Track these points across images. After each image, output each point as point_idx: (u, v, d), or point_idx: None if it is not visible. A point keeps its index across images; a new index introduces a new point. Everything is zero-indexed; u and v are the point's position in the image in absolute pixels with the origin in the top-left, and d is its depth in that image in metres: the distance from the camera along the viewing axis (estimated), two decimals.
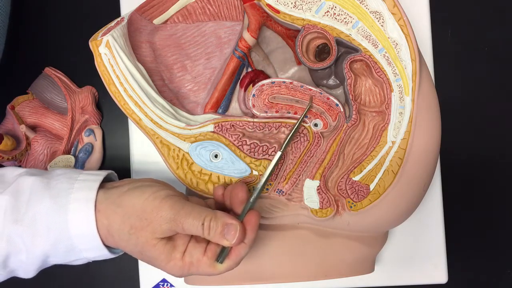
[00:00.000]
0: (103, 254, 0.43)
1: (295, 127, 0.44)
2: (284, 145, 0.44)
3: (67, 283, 0.64)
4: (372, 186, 0.45)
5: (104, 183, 0.44)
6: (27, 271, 0.43)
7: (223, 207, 0.44)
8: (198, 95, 0.50)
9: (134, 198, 0.41)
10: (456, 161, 0.65)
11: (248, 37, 0.46)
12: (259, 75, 0.49)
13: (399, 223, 0.49)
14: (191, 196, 0.45)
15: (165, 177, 0.58)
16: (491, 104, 0.67)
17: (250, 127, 0.46)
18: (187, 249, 0.41)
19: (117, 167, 0.64)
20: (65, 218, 0.41)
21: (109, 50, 0.43)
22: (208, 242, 0.42)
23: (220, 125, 0.46)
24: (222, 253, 0.41)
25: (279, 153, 0.44)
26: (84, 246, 0.42)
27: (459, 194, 0.66)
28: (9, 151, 0.59)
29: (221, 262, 0.41)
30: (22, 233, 0.41)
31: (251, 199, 0.43)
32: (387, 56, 0.44)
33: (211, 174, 0.46)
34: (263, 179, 0.44)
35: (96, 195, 0.41)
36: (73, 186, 0.42)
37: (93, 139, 0.63)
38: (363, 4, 0.43)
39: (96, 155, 0.62)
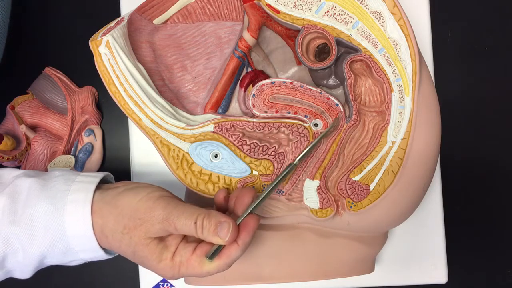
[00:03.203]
0: (99, 255, 0.43)
1: (317, 139, 0.45)
2: (299, 157, 0.44)
3: (67, 283, 0.64)
4: (372, 186, 0.45)
5: (101, 185, 0.44)
6: (24, 272, 0.43)
7: (223, 211, 0.44)
8: (198, 95, 0.50)
9: (128, 198, 0.41)
10: (456, 161, 0.65)
11: (248, 37, 0.47)
12: (259, 75, 0.49)
13: (399, 223, 0.49)
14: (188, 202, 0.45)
15: (165, 177, 0.59)
16: (491, 104, 0.67)
17: (250, 127, 0.46)
18: (177, 249, 0.41)
19: (117, 167, 0.64)
20: (61, 219, 0.41)
21: (109, 50, 0.43)
22: (199, 243, 0.42)
23: (220, 125, 0.46)
24: (214, 251, 0.40)
25: (292, 164, 0.44)
26: (80, 247, 0.42)
27: (459, 194, 0.66)
28: (9, 151, 0.59)
29: (211, 259, 0.40)
30: (19, 234, 0.41)
31: (254, 204, 0.42)
32: (387, 56, 0.44)
33: (211, 174, 0.46)
34: (269, 188, 0.43)
35: (93, 197, 0.42)
36: (70, 187, 0.42)
37: (93, 139, 0.63)
38: (363, 4, 0.43)
39: (96, 155, 0.62)
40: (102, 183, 0.45)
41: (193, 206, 0.41)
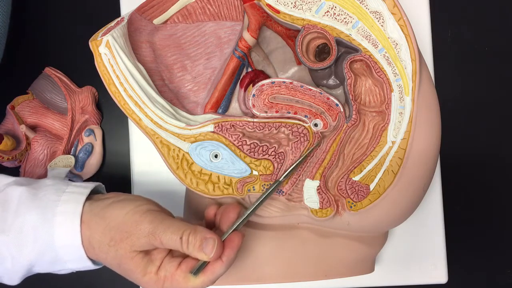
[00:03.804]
0: (86, 265, 0.43)
1: (300, 159, 0.45)
2: (285, 174, 0.45)
3: (67, 282, 0.64)
4: (372, 186, 0.45)
5: (91, 195, 0.44)
6: (12, 279, 0.44)
7: (212, 227, 0.44)
8: (198, 95, 0.50)
9: (116, 211, 0.42)
10: (456, 161, 0.65)
11: (248, 37, 0.47)
12: (259, 75, 0.49)
13: (399, 223, 0.49)
14: (178, 216, 0.45)
15: (165, 177, 0.59)
16: (491, 104, 0.67)
17: (250, 127, 0.46)
18: (162, 263, 0.41)
19: (116, 167, 0.63)
20: (51, 230, 0.41)
21: (109, 50, 0.43)
22: (184, 257, 0.42)
23: (220, 125, 0.46)
24: (198, 266, 0.41)
25: (278, 180, 0.44)
26: (68, 257, 0.42)
27: (459, 194, 0.66)
28: (9, 151, 0.59)
29: (196, 274, 0.40)
30: (8, 243, 0.41)
31: (239, 221, 0.42)
32: (387, 56, 0.44)
33: (211, 174, 0.46)
34: (255, 205, 0.44)
35: (83, 208, 0.42)
36: (60, 198, 0.43)
37: (93, 139, 0.63)
38: (363, 4, 0.43)
39: (96, 155, 0.62)
40: (93, 193, 0.45)
41: (180, 221, 0.41)
